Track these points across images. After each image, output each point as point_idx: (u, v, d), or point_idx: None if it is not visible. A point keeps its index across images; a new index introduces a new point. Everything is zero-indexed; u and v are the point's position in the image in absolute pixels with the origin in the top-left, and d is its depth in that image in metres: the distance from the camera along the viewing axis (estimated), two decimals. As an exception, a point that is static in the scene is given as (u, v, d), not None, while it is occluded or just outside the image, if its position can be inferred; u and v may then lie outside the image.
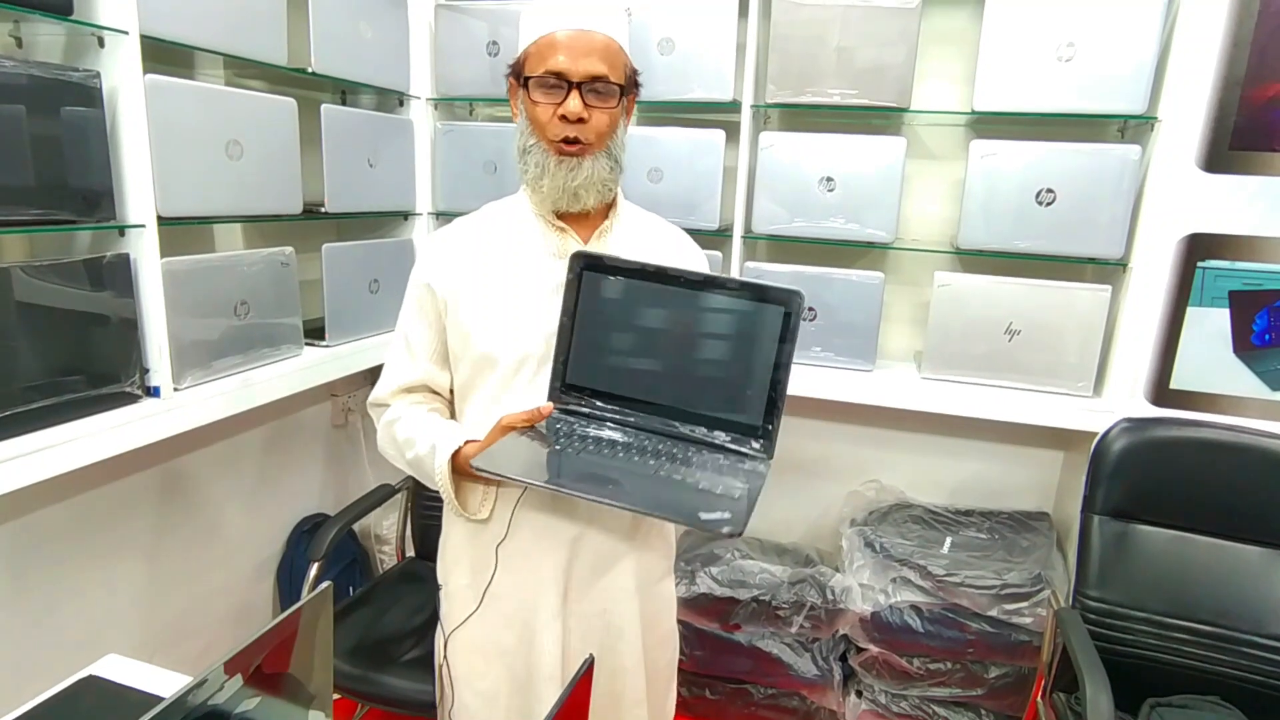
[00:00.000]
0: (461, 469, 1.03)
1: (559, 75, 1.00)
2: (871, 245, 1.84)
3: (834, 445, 2.17)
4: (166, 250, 1.31)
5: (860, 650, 1.89)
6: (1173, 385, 1.63)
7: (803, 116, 1.92)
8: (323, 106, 1.62)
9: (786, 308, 0.97)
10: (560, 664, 1.12)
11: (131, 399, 1.29)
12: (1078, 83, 1.60)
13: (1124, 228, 1.61)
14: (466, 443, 1.03)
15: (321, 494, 2.19)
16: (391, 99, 1.95)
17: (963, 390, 1.76)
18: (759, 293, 0.98)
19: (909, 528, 1.95)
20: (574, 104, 1.00)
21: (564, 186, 1.04)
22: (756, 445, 0.99)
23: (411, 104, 1.96)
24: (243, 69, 1.61)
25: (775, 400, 0.98)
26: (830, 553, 2.11)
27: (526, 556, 1.10)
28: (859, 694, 1.92)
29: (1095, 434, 1.62)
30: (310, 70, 1.57)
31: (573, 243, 1.08)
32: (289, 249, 1.60)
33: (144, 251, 1.27)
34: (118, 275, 1.25)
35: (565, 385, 1.02)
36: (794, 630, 1.88)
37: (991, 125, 1.79)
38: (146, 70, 1.24)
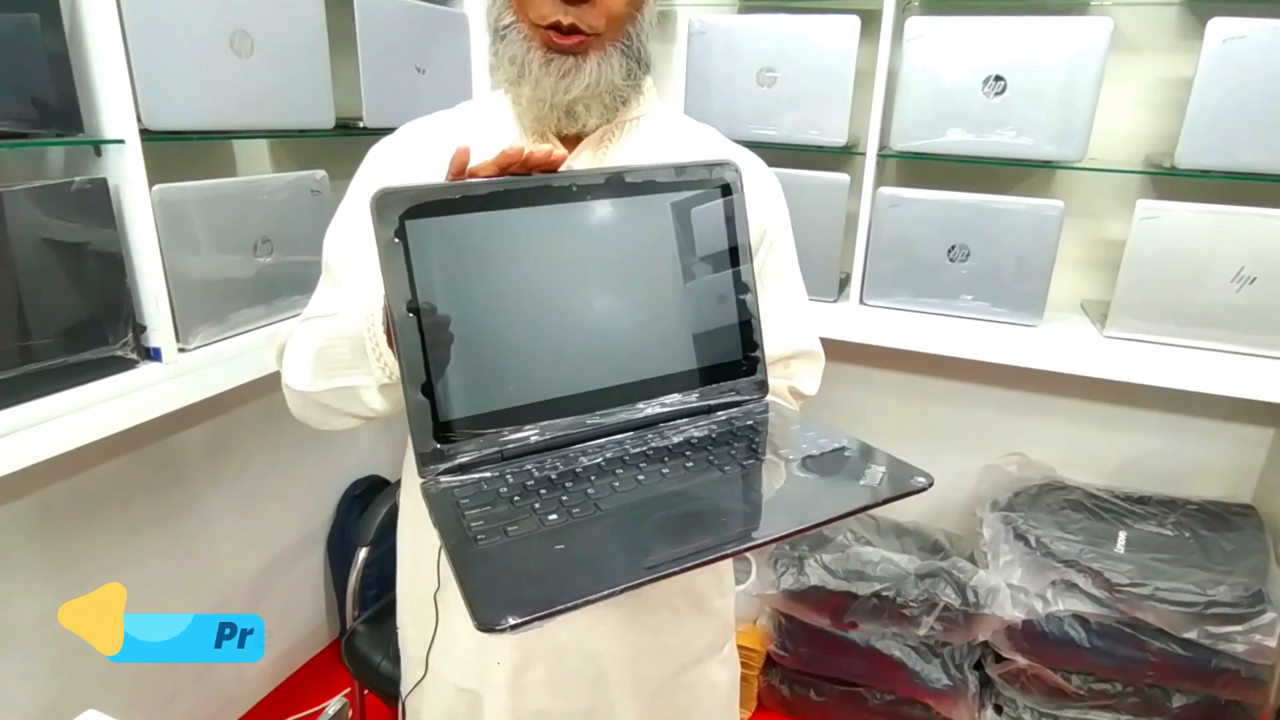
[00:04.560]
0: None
1: None
2: (1052, 165, 1.43)
3: (966, 410, 1.81)
4: (166, 175, 1.03)
5: (1001, 660, 1.58)
6: None
7: (961, -4, 1.49)
8: (357, -8, 1.29)
9: (720, 182, 0.67)
10: None
11: (126, 365, 1.02)
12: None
13: None
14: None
15: (374, 453, 1.95)
16: (442, -13, 1.59)
17: (1162, 354, 1.37)
18: (678, 175, 0.65)
19: (1068, 516, 1.60)
20: None
21: (550, 99, 0.70)
22: (745, 385, 0.68)
23: (467, -7, 1.60)
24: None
25: (750, 320, 0.68)
26: (962, 537, 1.77)
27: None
28: (998, 709, 1.62)
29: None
30: (339, -58, 1.23)
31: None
32: (321, 173, 1.29)
33: (126, 175, 0.98)
34: (93, 206, 0.96)
35: (441, 426, 0.58)
36: (921, 633, 1.58)
37: (1231, 2, 1.34)
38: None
